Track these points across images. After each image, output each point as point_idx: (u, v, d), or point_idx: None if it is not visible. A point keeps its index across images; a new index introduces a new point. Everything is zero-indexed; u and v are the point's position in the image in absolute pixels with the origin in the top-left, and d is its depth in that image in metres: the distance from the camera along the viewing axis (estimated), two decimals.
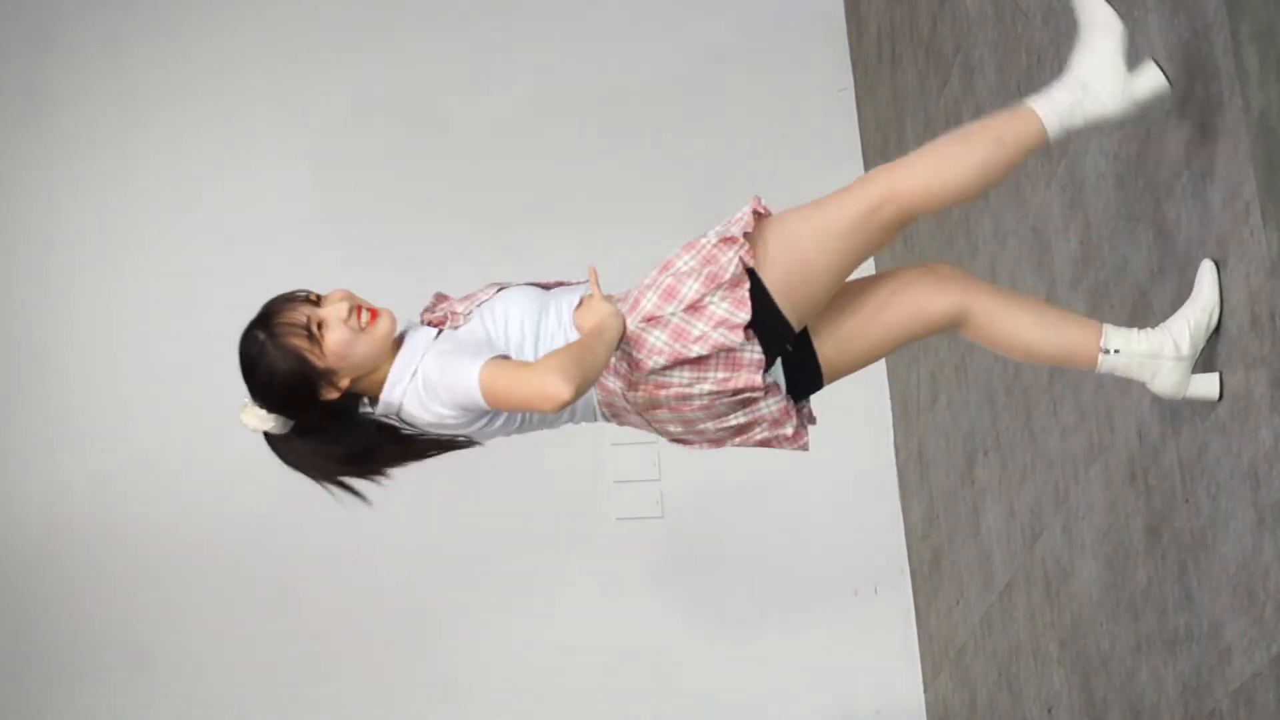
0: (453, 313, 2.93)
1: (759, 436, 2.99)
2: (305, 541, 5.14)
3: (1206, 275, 2.80)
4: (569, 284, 3.00)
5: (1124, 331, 2.86)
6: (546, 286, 3.00)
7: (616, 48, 5.68)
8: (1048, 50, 3.62)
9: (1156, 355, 2.82)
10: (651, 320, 2.83)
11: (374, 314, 2.87)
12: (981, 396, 4.28)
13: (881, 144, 5.29)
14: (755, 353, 2.83)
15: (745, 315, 2.79)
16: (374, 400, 2.91)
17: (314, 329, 2.83)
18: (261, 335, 2.85)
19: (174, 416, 5.28)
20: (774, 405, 2.92)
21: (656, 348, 2.82)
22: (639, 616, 5.09)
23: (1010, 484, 4.04)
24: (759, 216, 2.88)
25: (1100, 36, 2.83)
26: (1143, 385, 3.12)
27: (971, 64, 4.23)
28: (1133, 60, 2.85)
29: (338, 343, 2.83)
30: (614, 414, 2.96)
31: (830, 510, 5.14)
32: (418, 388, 2.84)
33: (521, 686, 5.04)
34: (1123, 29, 2.82)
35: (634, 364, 2.84)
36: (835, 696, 5.01)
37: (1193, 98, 2.87)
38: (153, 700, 5.04)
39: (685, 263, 2.85)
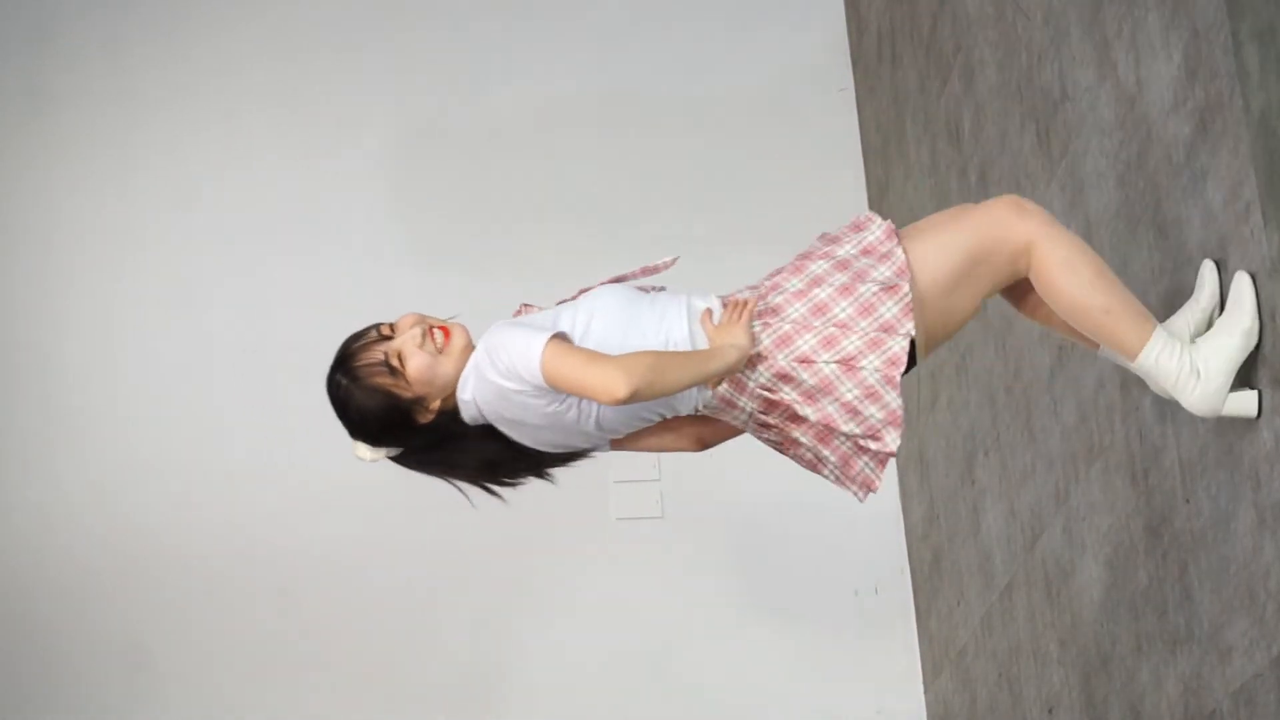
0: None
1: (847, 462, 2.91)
2: (305, 542, 5.14)
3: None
4: (655, 284, 2.95)
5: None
6: (629, 279, 2.96)
7: (616, 48, 5.68)
8: (1048, 50, 3.62)
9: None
10: (805, 362, 2.79)
11: (446, 332, 2.87)
12: (982, 396, 4.28)
13: (881, 144, 5.29)
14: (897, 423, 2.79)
15: (897, 402, 2.76)
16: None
17: (394, 363, 2.85)
18: (344, 380, 2.89)
19: (174, 416, 5.28)
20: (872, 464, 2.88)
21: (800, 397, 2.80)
22: (639, 616, 5.08)
23: (1011, 484, 4.04)
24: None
25: (1237, 338, 2.69)
26: (1143, 387, 3.12)
27: (972, 64, 4.23)
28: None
29: (419, 369, 2.84)
30: (716, 412, 2.91)
31: (830, 510, 5.13)
32: (478, 361, 2.83)
33: (521, 686, 5.04)
34: (1256, 342, 2.68)
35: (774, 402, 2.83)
36: (835, 696, 5.01)
37: (1193, 97, 2.86)
38: (153, 700, 5.04)
39: (845, 310, 2.77)
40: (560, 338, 2.77)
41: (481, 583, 5.13)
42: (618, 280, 2.95)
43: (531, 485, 4.90)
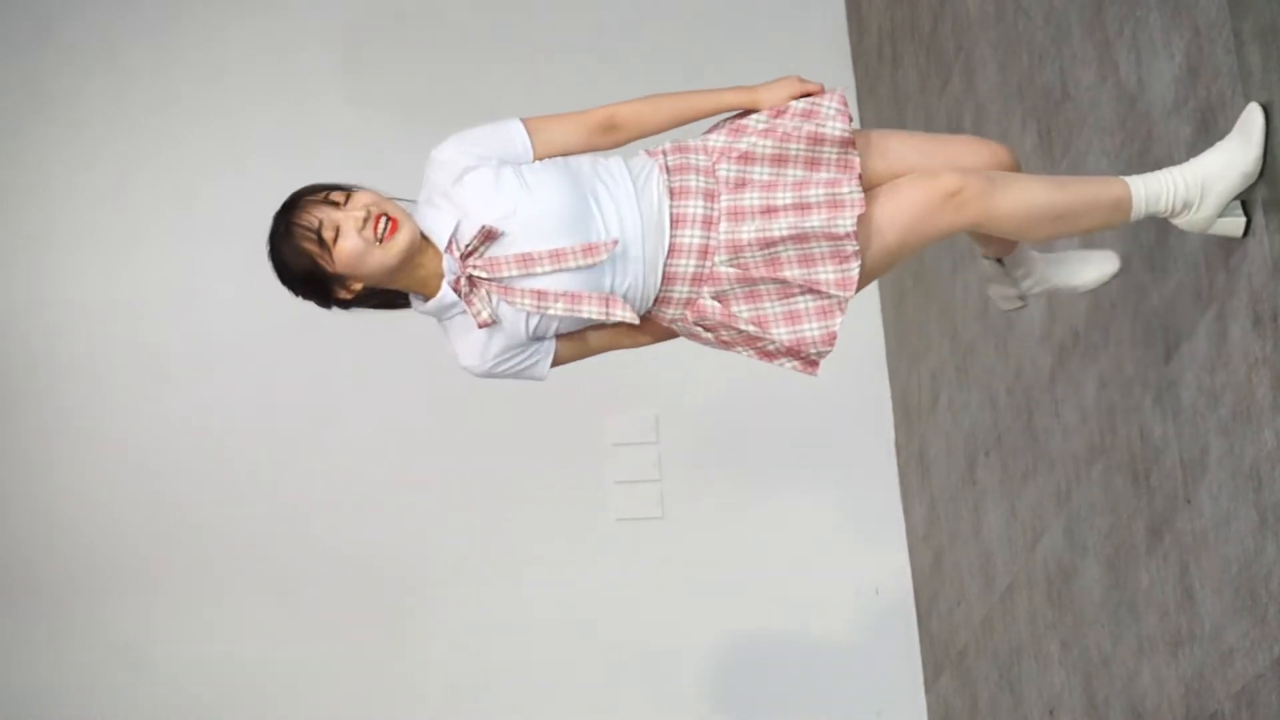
0: (480, 293, 2.85)
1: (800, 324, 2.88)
2: (305, 541, 5.14)
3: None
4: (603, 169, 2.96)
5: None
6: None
7: (616, 48, 5.68)
8: (1049, 50, 3.61)
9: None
10: (754, 296, 2.82)
11: (394, 224, 2.80)
12: (983, 397, 4.27)
13: None
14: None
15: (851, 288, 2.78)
16: (421, 298, 2.87)
17: (326, 234, 2.81)
18: (279, 229, 2.87)
19: (173, 415, 5.28)
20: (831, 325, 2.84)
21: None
22: (639, 617, 5.08)
23: (1012, 485, 4.03)
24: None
25: (1236, 180, 2.69)
26: (1142, 383, 3.12)
27: (973, 64, 4.23)
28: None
29: (348, 254, 2.80)
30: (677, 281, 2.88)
31: (830, 511, 5.14)
32: (469, 369, 2.87)
33: (521, 686, 5.04)
34: (1252, 177, 2.69)
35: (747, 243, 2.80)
36: (836, 697, 5.00)
37: (1195, 97, 2.86)
38: (153, 700, 5.04)
39: (817, 194, 2.78)
40: (559, 344, 2.87)
41: (481, 583, 5.12)
42: (556, 260, 2.84)
43: (532, 485, 4.93)
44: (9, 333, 5.40)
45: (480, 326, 2.82)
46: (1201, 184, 2.70)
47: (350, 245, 2.79)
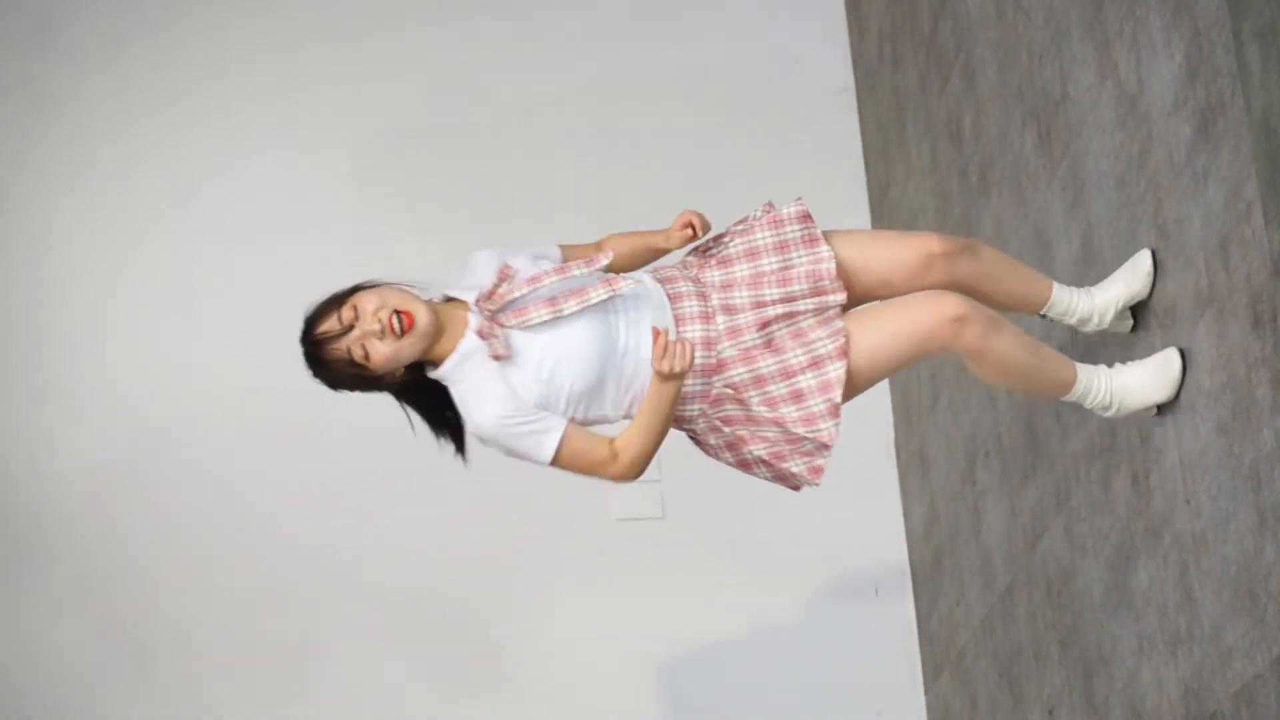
0: (497, 328, 3.07)
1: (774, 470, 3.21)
2: (305, 541, 5.14)
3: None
4: (595, 262, 3.16)
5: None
6: (572, 264, 3.14)
7: (615, 47, 5.67)
8: (1049, 50, 3.61)
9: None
10: (760, 381, 3.07)
11: (409, 318, 3.04)
12: (983, 397, 4.27)
13: (882, 144, 5.29)
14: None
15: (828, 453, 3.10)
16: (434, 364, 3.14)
17: (358, 357, 3.06)
18: (315, 367, 3.12)
19: (172, 414, 5.28)
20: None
21: (740, 430, 3.11)
22: (639, 617, 5.08)
23: (1011, 485, 4.03)
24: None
25: (1151, 394, 3.05)
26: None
27: (973, 64, 4.23)
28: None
29: (384, 360, 3.06)
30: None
31: (830, 510, 5.13)
32: (467, 404, 3.08)
33: (521, 686, 5.04)
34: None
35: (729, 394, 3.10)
36: (835, 697, 5.00)
37: (1194, 97, 2.86)
38: (153, 700, 5.03)
39: (798, 358, 3.06)
40: (568, 439, 3.05)
41: (482, 583, 5.12)
42: (561, 272, 3.13)
43: (532, 485, 4.95)
44: (7, 331, 5.40)
45: (494, 358, 3.04)
46: (1120, 400, 3.07)
47: (382, 355, 3.06)
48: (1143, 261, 3.09)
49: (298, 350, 3.18)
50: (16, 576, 5.14)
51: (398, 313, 3.05)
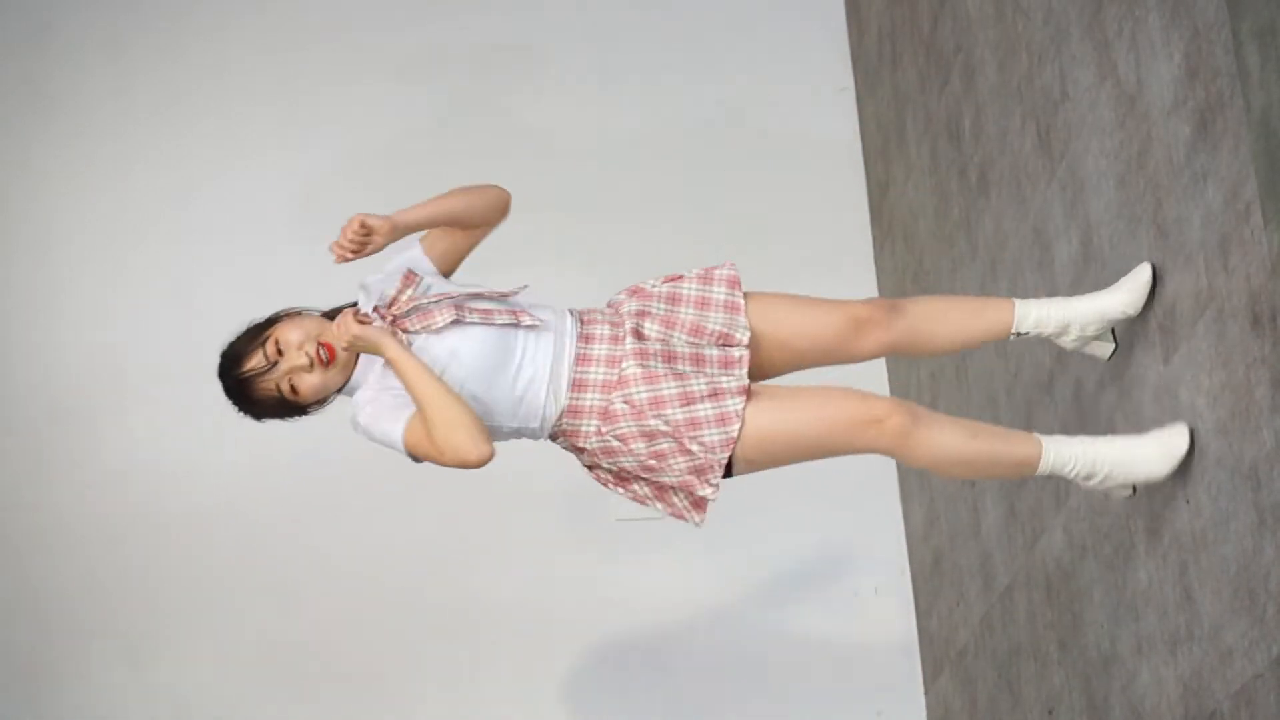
0: (400, 333, 3.11)
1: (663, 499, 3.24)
2: (305, 541, 5.14)
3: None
4: (507, 295, 3.19)
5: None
6: (485, 297, 3.16)
7: (615, 48, 5.67)
8: (1048, 50, 3.61)
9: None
10: (658, 403, 3.05)
11: (330, 350, 3.10)
12: (983, 397, 4.27)
13: (882, 144, 5.29)
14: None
15: (714, 494, 3.10)
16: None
17: (285, 394, 3.12)
18: (240, 396, 3.18)
19: (172, 413, 5.27)
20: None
21: (627, 466, 3.12)
22: (639, 616, 5.08)
23: (1011, 485, 4.04)
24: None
25: (1153, 470, 2.97)
26: (1143, 387, 3.12)
27: (972, 64, 4.23)
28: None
29: (312, 391, 3.12)
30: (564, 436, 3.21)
31: (830, 510, 5.14)
32: (361, 420, 3.12)
33: (521, 686, 5.04)
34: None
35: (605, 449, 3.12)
36: (835, 697, 5.00)
37: (1193, 97, 2.86)
38: (153, 700, 5.04)
39: (699, 385, 3.04)
40: (410, 428, 3.04)
41: (481, 583, 5.12)
42: (475, 296, 3.16)
43: (532, 485, 4.96)
44: (6, 330, 5.40)
45: None
46: (1109, 470, 2.98)
47: (309, 386, 3.12)
48: (1142, 274, 3.07)
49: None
50: (18, 578, 5.14)
51: (320, 344, 3.10)
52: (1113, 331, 3.17)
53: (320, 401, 3.17)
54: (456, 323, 3.09)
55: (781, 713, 4.99)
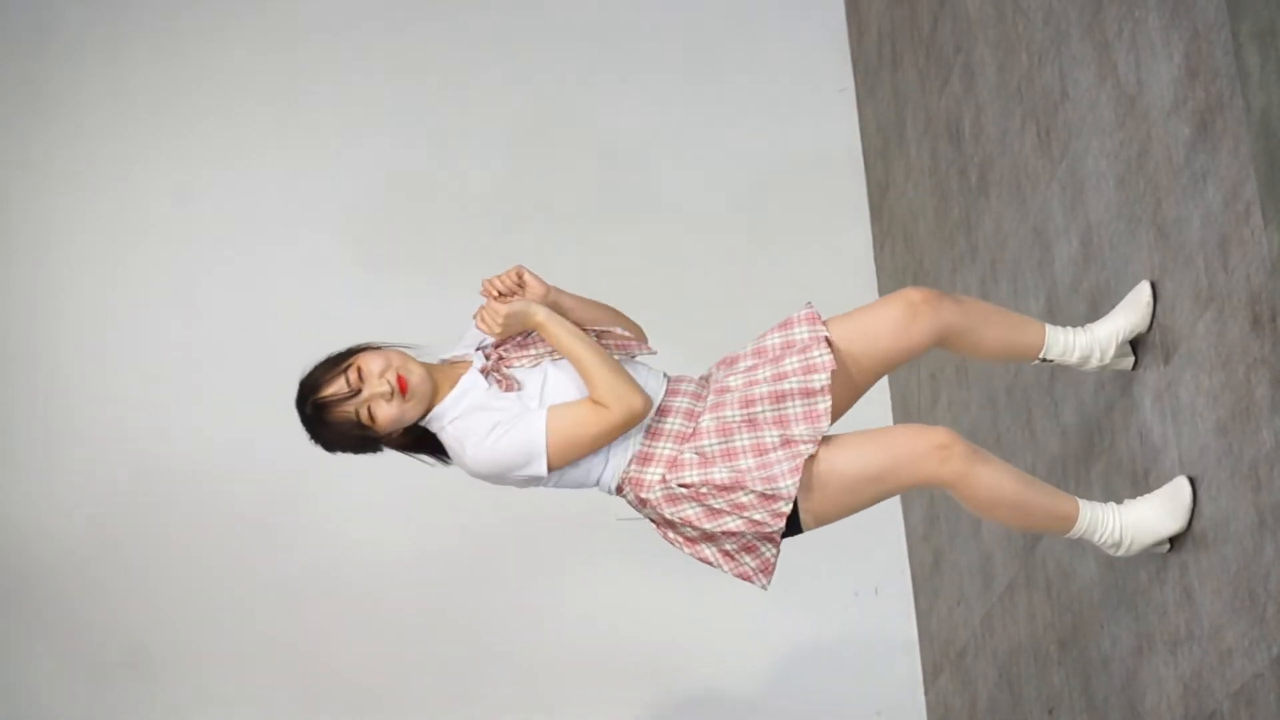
0: (501, 374, 3.14)
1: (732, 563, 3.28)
2: (305, 542, 5.14)
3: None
4: (630, 346, 3.20)
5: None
6: (603, 339, 3.18)
7: (614, 47, 5.68)
8: (1048, 50, 3.62)
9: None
10: (730, 454, 3.06)
11: (403, 382, 3.08)
12: (983, 397, 4.27)
13: (882, 144, 5.29)
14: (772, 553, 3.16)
15: (773, 555, 3.16)
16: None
17: (364, 421, 3.10)
18: (317, 424, 3.14)
19: (172, 413, 5.28)
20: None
21: (686, 516, 3.11)
22: (639, 617, 5.08)
23: None
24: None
25: (1164, 528, 3.00)
26: (1143, 387, 3.13)
27: (972, 64, 4.23)
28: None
29: (389, 421, 3.10)
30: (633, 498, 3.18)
31: None
32: (460, 438, 3.10)
33: (521, 686, 5.04)
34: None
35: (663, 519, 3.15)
36: (835, 697, 5.00)
37: (1193, 98, 2.86)
38: (153, 700, 5.04)
39: (772, 437, 3.05)
40: (550, 410, 3.05)
41: (481, 583, 5.12)
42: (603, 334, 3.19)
43: (531, 489, 4.94)
44: (6, 329, 5.40)
45: (506, 390, 3.10)
46: (1133, 536, 3.01)
47: (387, 417, 3.10)
48: (1142, 293, 3.09)
49: (308, 361, 3.23)
50: (17, 575, 5.14)
51: (398, 375, 3.09)
52: (1131, 344, 3.18)
53: (393, 436, 3.16)
54: (553, 357, 3.14)
55: (782, 712, 4.99)
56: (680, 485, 3.06)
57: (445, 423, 3.12)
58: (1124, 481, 3.27)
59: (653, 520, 3.18)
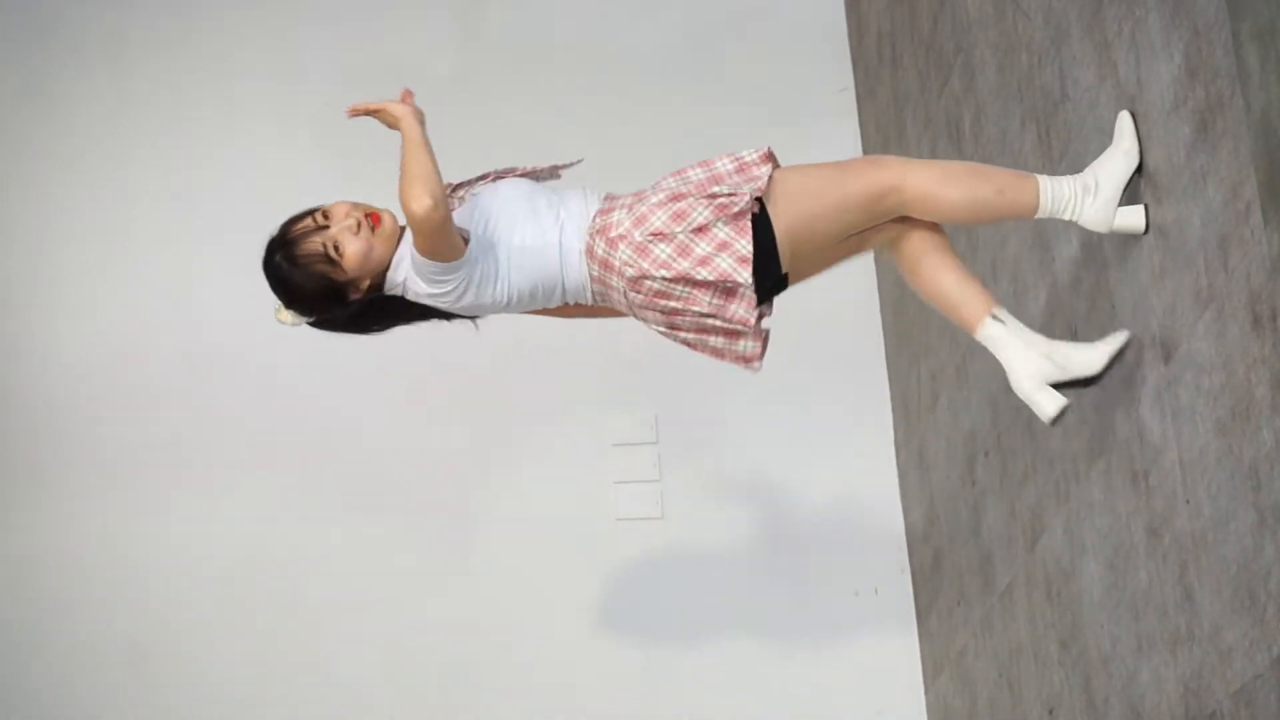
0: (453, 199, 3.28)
1: (721, 350, 3.27)
2: (305, 541, 5.14)
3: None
4: (559, 169, 3.39)
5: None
6: (538, 175, 3.37)
7: (614, 47, 5.68)
8: (1048, 50, 3.62)
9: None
10: (659, 235, 3.15)
11: (376, 218, 3.22)
12: (982, 397, 4.27)
13: (882, 144, 5.29)
14: (750, 289, 3.14)
15: (747, 243, 3.12)
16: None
17: (332, 253, 3.18)
18: (285, 264, 3.22)
19: (172, 411, 5.28)
20: (749, 346, 3.24)
21: (661, 260, 3.13)
22: (639, 617, 5.08)
23: (1011, 484, 4.04)
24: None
25: (1120, 161, 3.09)
26: (1142, 383, 3.12)
27: (972, 64, 4.23)
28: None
29: (356, 255, 3.19)
30: (603, 298, 3.26)
31: (830, 510, 5.14)
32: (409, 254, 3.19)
33: (521, 686, 5.04)
34: (1137, 163, 3.09)
35: (640, 274, 3.14)
36: (835, 696, 5.00)
37: (1193, 97, 2.86)
38: (153, 700, 5.03)
39: (697, 174, 3.28)
40: None
41: (481, 583, 5.12)
42: (527, 175, 3.35)
43: (532, 485, 4.95)
44: (5, 328, 5.40)
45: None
46: (1096, 178, 3.10)
47: (355, 249, 3.19)
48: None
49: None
50: (18, 578, 5.15)
51: (368, 215, 3.21)
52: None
53: (359, 286, 3.20)
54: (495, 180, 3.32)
55: (782, 712, 5.00)
56: (651, 234, 3.15)
57: (402, 267, 3.20)
58: (1124, 481, 3.27)
59: (627, 297, 3.22)
